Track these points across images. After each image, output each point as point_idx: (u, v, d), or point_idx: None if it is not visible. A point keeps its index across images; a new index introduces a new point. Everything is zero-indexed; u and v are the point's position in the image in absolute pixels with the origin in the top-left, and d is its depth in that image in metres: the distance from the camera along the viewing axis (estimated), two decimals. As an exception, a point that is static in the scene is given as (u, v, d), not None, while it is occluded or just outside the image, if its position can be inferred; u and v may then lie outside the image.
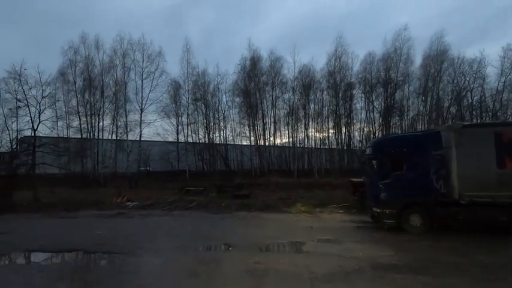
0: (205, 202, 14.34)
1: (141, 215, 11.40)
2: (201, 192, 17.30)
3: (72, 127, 26.45)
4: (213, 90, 31.89)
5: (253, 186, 19.50)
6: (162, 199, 15.54)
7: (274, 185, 19.82)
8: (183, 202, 14.46)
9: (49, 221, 10.63)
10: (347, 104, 30.85)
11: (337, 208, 12.17)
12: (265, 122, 30.05)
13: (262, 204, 13.43)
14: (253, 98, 29.02)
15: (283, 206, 12.79)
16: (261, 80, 29.03)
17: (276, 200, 14.44)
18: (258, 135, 30.08)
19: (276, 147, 32.37)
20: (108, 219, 10.85)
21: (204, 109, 32.71)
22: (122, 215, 11.48)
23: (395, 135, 13.72)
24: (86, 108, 25.35)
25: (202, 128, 33.37)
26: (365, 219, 9.76)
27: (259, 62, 29.16)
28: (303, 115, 30.75)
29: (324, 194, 15.90)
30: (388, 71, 28.54)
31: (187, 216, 11.17)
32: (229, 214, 11.47)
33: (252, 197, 15.42)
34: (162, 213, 11.84)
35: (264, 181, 21.32)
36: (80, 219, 10.97)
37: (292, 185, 19.91)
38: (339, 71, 29.23)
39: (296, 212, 11.74)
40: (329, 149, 32.47)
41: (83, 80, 25.07)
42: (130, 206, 13.23)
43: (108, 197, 15.13)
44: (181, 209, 12.78)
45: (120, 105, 25.42)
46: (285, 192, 17.61)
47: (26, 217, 11.32)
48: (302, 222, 9.90)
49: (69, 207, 13.09)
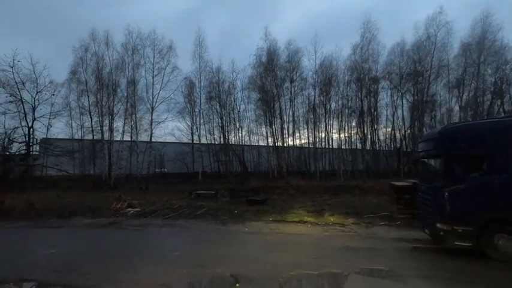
0: (216, 208, 12.20)
1: (136, 225, 9.39)
2: (212, 196, 15.21)
3: (83, 127, 25.36)
4: (228, 88, 29.94)
5: (270, 190, 17.18)
6: (168, 204, 13.59)
7: (294, 189, 17.39)
8: (190, 208, 12.40)
9: (26, 232, 8.85)
10: (372, 100, 27.85)
11: (376, 219, 9.59)
12: (283, 120, 27.61)
13: (282, 212, 11.10)
14: (270, 94, 26.70)
15: (307, 215, 10.38)
16: (279, 75, 26.68)
17: (298, 207, 12.03)
18: (276, 134, 27.68)
19: (294, 148, 29.82)
20: (97, 230, 8.92)
21: (219, 108, 30.80)
22: (114, 225, 9.53)
23: (470, 122, 10.59)
24: (98, 107, 24.06)
25: (218, 127, 31.48)
26: (419, 236, 7.19)
27: (276, 54, 26.79)
28: (323, 113, 28.08)
29: (354, 200, 13.30)
30: (419, 61, 25.31)
31: (190, 227, 9.01)
32: (242, 225, 9.22)
33: (269, 203, 13.11)
34: (162, 223, 9.78)
35: (282, 184, 18.93)
36: (65, 229, 9.12)
37: (315, 189, 17.39)
38: (365, 60, 26.25)
39: (324, 223, 9.29)
40: (351, 150, 29.55)
41: (94, 78, 23.82)
42: (129, 213, 11.32)
43: (110, 202, 13.34)
44: (187, 217, 10.67)
45: (131, 104, 23.90)
46: (306, 197, 15.15)
47: (4, 226, 9.65)
48: (334, 239, 7.46)
49: (63, 213, 11.37)
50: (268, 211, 11.26)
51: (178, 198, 15.85)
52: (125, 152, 25.05)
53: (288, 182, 19.53)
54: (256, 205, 12.63)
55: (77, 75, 24.04)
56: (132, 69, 23.50)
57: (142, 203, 13.77)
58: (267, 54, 26.88)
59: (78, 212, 11.78)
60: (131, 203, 12.46)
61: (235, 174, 28.85)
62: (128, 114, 24.05)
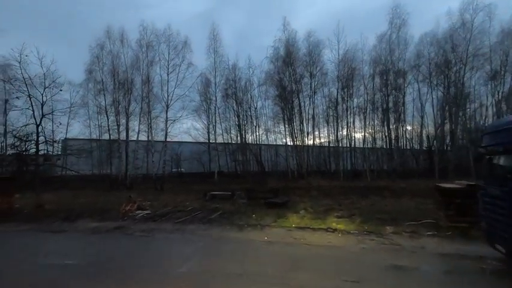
0: (232, 212, 11.00)
1: (143, 230, 8.35)
2: (228, 197, 14.04)
3: (101, 127, 25.05)
4: (245, 85, 28.80)
5: (290, 191, 15.80)
6: (181, 206, 12.55)
7: (316, 190, 15.92)
8: (204, 211, 11.28)
9: (23, 237, 7.99)
10: (398, 95, 25.73)
11: (419, 228, 8.01)
12: (303, 117, 26.09)
13: (305, 216, 9.73)
14: (289, 90, 25.26)
15: (335, 221, 8.95)
16: (298, 70, 25.19)
17: (323, 210, 10.61)
18: (295, 132, 26.19)
19: (314, 146, 28.20)
20: (100, 235, 7.95)
21: (236, 106, 29.72)
22: (120, 230, 8.54)
23: None
24: (114, 106, 23.59)
25: (234, 126, 30.42)
26: (485, 253, 5.61)
27: (295, 46, 25.23)
28: (345, 109, 26.29)
29: (386, 204, 11.69)
30: (452, 51, 22.99)
31: (202, 234, 7.84)
32: (260, 233, 7.94)
33: (291, 206, 11.76)
34: (172, 228, 8.69)
35: (303, 185, 17.49)
36: (66, 235, 8.22)
37: (339, 190, 15.84)
38: (392, 51, 24.23)
39: (357, 231, 7.85)
40: (375, 148, 27.53)
41: (110, 77, 23.38)
42: (138, 216, 10.34)
43: (121, 203, 12.47)
44: (200, 221, 9.53)
45: (146, 103, 23.26)
46: (331, 199, 13.66)
47: (6, 229, 8.91)
48: (375, 253, 6.04)
49: (70, 216, 10.57)
50: (290, 215, 9.92)
51: (192, 199, 14.82)
52: (140, 152, 24.46)
53: (309, 182, 18.05)
54: (276, 208, 11.33)
55: (93, 74, 23.73)
56: (147, 67, 22.87)
57: (154, 205, 12.83)
58: (285, 46, 25.40)
59: (87, 214, 10.95)
60: (141, 205, 11.52)
61: (252, 174, 27.67)
62: (143, 112, 23.44)
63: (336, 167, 29.18)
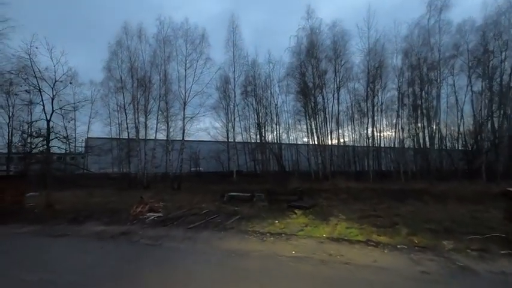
0: (251, 216, 9.72)
1: (151, 238, 7.24)
2: (247, 199, 12.77)
3: (121, 125, 24.67)
4: (265, 82, 27.48)
5: (315, 193, 14.30)
6: (196, 208, 11.45)
7: (344, 192, 14.29)
8: (221, 214, 10.09)
9: (18, 241, 7.06)
10: (432, 89, 23.33)
11: (486, 243, 6.31)
12: (326, 114, 24.31)
13: (335, 223, 8.24)
14: (311, 85, 23.59)
15: (375, 231, 7.41)
16: (321, 63, 23.45)
17: (357, 217, 9.05)
18: (318, 130, 24.48)
19: (339, 145, 26.33)
20: (101, 243, 6.91)
21: (255, 103, 28.48)
22: (125, 236, 7.48)
23: None
24: (133, 104, 23.06)
25: (254, 124, 29.20)
26: None
27: (319, 37, 23.45)
28: (373, 105, 24.26)
29: (432, 211, 9.91)
30: (496, 39, 20.41)
31: (216, 245, 6.58)
32: (286, 245, 6.58)
33: (318, 211, 10.29)
34: (183, 235, 7.52)
35: (328, 186, 15.88)
36: (66, 240, 7.27)
37: (370, 193, 14.11)
38: (425, 42, 21.97)
39: (405, 246, 6.29)
40: (404, 148, 25.29)
41: (127, 73, 22.86)
42: (148, 219, 9.31)
43: (133, 204, 11.57)
44: (215, 227, 8.32)
45: (164, 100, 22.52)
46: (363, 203, 12.03)
47: (8, 231, 8.14)
48: (443, 282, 4.50)
49: (78, 217, 9.75)
50: (318, 221, 8.48)
51: (209, 200, 13.71)
52: (158, 150, 23.80)
53: (336, 183, 16.40)
54: (300, 211, 9.92)
55: (111, 71, 23.33)
56: (164, 62, 22.10)
57: (167, 206, 11.81)
58: (308, 36, 23.66)
59: (96, 216, 10.09)
60: (153, 207, 10.50)
61: (272, 174, 26.30)
62: (161, 110, 22.74)
63: (360, 168, 27.25)
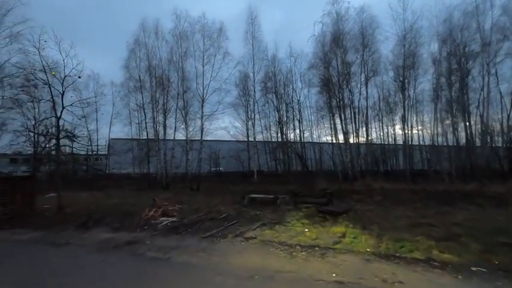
0: (276, 221, 8.38)
1: (160, 249, 6.12)
2: (270, 202, 11.42)
3: (140, 124, 24.24)
4: (286, 77, 26.02)
5: (345, 195, 12.69)
6: (215, 212, 10.29)
7: (378, 194, 12.55)
8: (241, 219, 8.85)
9: (10, 251, 6.21)
10: (471, 80, 20.73)
11: None
12: (354, 109, 22.36)
13: (382, 234, 6.70)
14: (337, 78, 21.79)
15: (432, 245, 5.82)
16: (348, 54, 21.56)
17: (405, 226, 7.42)
18: (345, 127, 22.62)
19: (368, 143, 24.28)
20: (103, 254, 5.88)
21: (276, 100, 27.10)
22: (131, 246, 6.42)
23: None
24: (151, 103, 22.51)
25: (275, 122, 27.84)
26: None
27: (345, 24, 21.52)
28: (405, 98, 22.06)
29: (499, 219, 8.04)
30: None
31: (235, 262, 5.31)
32: (321, 262, 5.20)
33: (354, 217, 8.74)
34: (197, 246, 6.34)
35: (360, 187, 14.17)
36: (66, 249, 6.32)
37: (410, 195, 12.29)
38: (466, 25, 19.52)
39: (485, 270, 4.68)
40: (442, 146, 22.83)
41: (145, 71, 22.33)
42: (161, 224, 8.25)
43: (148, 206, 10.63)
44: (235, 236, 7.08)
45: (182, 98, 21.74)
46: (403, 206, 10.31)
47: (9, 237, 7.39)
48: None
49: (88, 221, 8.90)
50: (359, 232, 6.97)
51: (228, 202, 12.53)
52: (177, 150, 23.09)
53: (368, 184, 14.65)
54: (332, 217, 8.45)
55: (130, 70, 22.91)
56: (181, 59, 21.28)
57: (183, 209, 10.76)
58: (334, 23, 21.71)
59: (107, 220, 9.20)
60: (166, 210, 9.45)
61: (294, 174, 24.79)
62: (179, 108, 21.99)
63: (389, 167, 25.09)
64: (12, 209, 9.53)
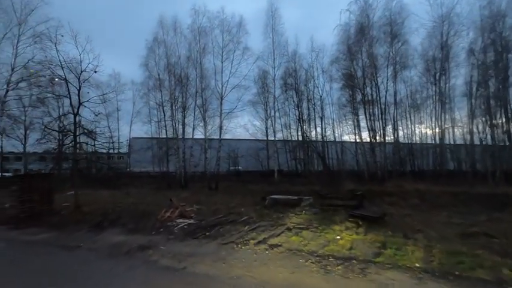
0: (302, 226, 7.52)
1: (174, 256, 5.47)
2: (293, 204, 10.55)
3: (158, 122, 24.05)
4: (307, 73, 24.92)
5: (375, 197, 11.58)
6: (235, 213, 9.59)
7: (413, 197, 11.33)
8: (262, 223, 8.07)
9: (14, 255, 5.80)
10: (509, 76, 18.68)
11: None
12: (380, 105, 20.88)
13: (430, 246, 5.67)
14: (361, 73, 20.43)
15: (497, 262, 4.75)
16: (374, 47, 20.12)
17: (456, 236, 6.32)
18: (371, 124, 21.21)
19: (395, 142, 22.70)
20: (112, 261, 5.30)
21: (296, 98, 26.08)
22: (144, 251, 5.83)
23: None
24: (170, 101, 22.23)
25: (295, 120, 26.82)
26: None
27: (372, 14, 20.07)
28: (437, 93, 20.36)
29: None
30: None
31: (258, 278, 4.53)
32: (363, 281, 4.30)
33: (391, 222, 7.70)
34: (216, 253, 5.63)
35: (392, 189, 12.95)
36: (74, 254, 5.81)
37: (449, 197, 10.99)
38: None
39: None
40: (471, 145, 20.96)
41: (163, 69, 22.05)
42: (178, 227, 7.64)
43: (165, 206, 10.12)
44: (257, 242, 6.32)
45: (201, 96, 21.29)
46: (445, 211, 9.12)
47: (22, 237, 7.05)
48: None
49: (102, 222, 8.48)
50: (402, 242, 5.97)
51: (249, 203, 11.80)
52: (196, 149, 22.70)
53: (400, 185, 13.39)
54: (365, 222, 7.45)
55: (149, 68, 22.75)
56: (200, 55, 20.80)
57: (201, 210, 10.15)
58: (361, 11, 20.24)
59: (122, 220, 8.75)
60: (184, 211, 8.85)
61: (316, 174, 23.71)
62: (197, 106, 21.56)
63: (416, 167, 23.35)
64: (30, 207, 9.32)
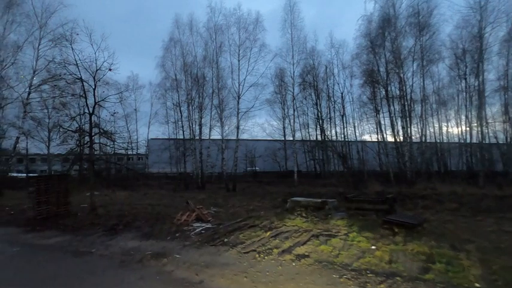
0: (329, 233, 6.76)
1: (190, 267, 4.89)
2: (317, 207, 9.74)
3: (175, 123, 23.91)
4: (327, 69, 23.96)
5: (406, 200, 10.56)
6: (254, 217, 8.96)
7: (450, 200, 10.21)
8: (284, 229, 7.38)
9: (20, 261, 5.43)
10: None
11: None
12: (406, 102, 19.54)
13: (481, 257, 4.78)
14: (385, 67, 19.17)
15: None
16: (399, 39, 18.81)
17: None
18: (395, 121, 19.96)
19: (422, 141, 21.28)
20: (123, 272, 4.79)
21: (314, 96, 25.17)
22: (157, 259, 5.29)
23: None
24: (187, 102, 22.00)
25: (313, 119, 25.91)
26: None
27: (398, 4, 18.75)
28: (468, 89, 18.83)
29: None
30: None
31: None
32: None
33: (432, 230, 6.78)
34: (236, 263, 5.02)
35: (426, 191, 11.84)
36: (84, 261, 5.37)
37: (495, 202, 9.80)
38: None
39: None
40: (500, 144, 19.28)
41: (180, 69, 21.83)
42: (194, 232, 7.09)
43: (181, 209, 9.66)
44: (282, 251, 5.65)
45: (217, 96, 20.88)
46: (491, 217, 8.04)
47: (37, 240, 6.75)
48: None
49: (117, 225, 8.09)
50: (452, 255, 5.09)
51: (268, 206, 11.17)
52: (213, 149, 22.33)
53: (434, 187, 12.24)
54: (404, 230, 6.56)
55: (165, 69, 22.64)
56: (216, 54, 20.40)
57: (219, 213, 9.60)
58: (385, 4, 19.15)
59: (137, 223, 8.34)
60: (201, 215, 8.30)
61: (337, 175, 22.69)
62: (214, 106, 21.18)
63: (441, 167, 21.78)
64: (46, 209, 9.13)
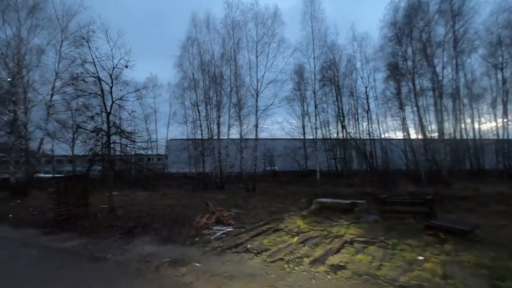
0: (364, 239, 6.00)
1: (211, 277, 4.35)
2: (346, 209, 8.94)
3: (193, 122, 23.72)
4: (349, 63, 22.87)
5: (444, 201, 9.52)
6: (278, 219, 8.34)
7: (497, 202, 9.07)
8: (314, 232, 6.70)
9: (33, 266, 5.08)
10: None
11: None
12: (437, 96, 18.07)
13: None
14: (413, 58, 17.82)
15: None
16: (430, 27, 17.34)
17: None
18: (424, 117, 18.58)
19: (455, 138, 19.73)
20: (137, 282, 4.33)
21: (335, 93, 24.12)
22: (175, 268, 4.78)
23: None
24: (205, 101, 21.72)
25: (334, 117, 24.88)
26: None
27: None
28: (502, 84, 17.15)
29: None
30: None
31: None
32: None
33: (486, 238, 5.85)
34: (263, 275, 4.42)
35: (465, 191, 10.68)
36: (96, 269, 4.95)
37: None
38: None
39: None
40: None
41: (197, 68, 21.57)
42: (215, 235, 6.57)
43: (201, 211, 9.21)
44: (313, 258, 4.99)
45: (236, 94, 20.41)
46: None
47: (46, 244, 6.49)
48: None
49: (136, 227, 7.73)
50: None
51: (291, 208, 10.46)
52: (232, 148, 21.90)
53: (475, 187, 11.05)
54: (451, 237, 5.68)
55: (183, 68, 22.49)
56: (233, 51, 19.94)
57: (240, 215, 9.03)
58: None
59: (156, 225, 7.95)
60: (221, 217, 7.78)
61: (362, 174, 21.56)
62: (233, 104, 20.75)
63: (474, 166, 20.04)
64: (66, 210, 8.98)
